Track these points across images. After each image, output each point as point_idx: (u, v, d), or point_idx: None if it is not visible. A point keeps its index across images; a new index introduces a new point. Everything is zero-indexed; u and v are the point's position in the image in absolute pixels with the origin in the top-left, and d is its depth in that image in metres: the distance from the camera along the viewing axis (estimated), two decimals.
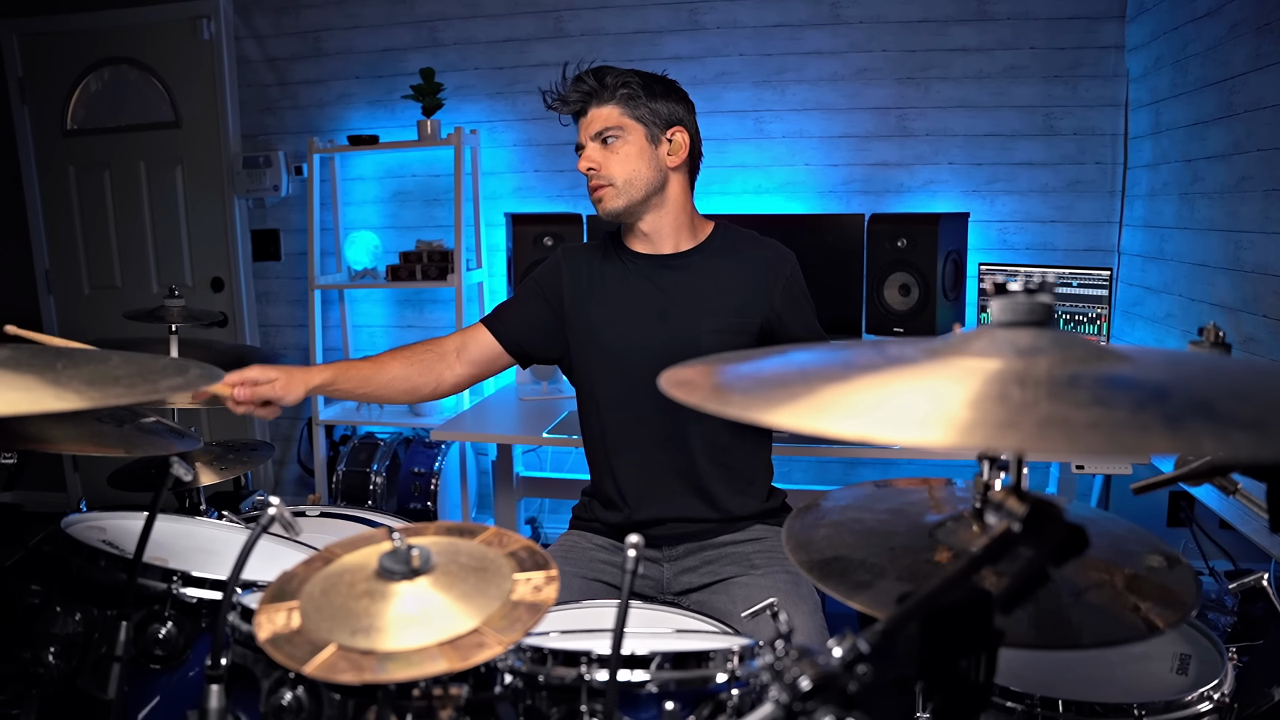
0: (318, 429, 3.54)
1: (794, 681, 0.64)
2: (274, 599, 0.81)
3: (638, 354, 1.69)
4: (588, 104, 1.67)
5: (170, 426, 1.63)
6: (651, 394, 1.71)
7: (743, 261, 1.72)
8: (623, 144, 1.65)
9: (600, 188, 1.66)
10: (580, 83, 1.67)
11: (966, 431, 0.57)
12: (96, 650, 1.09)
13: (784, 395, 0.63)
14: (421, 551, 0.79)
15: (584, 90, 1.66)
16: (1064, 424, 0.53)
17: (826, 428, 0.60)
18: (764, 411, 0.63)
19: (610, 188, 1.66)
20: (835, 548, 0.99)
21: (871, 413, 0.60)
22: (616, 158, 1.65)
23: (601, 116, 1.66)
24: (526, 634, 0.73)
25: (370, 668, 0.69)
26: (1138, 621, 0.87)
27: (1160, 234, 2.88)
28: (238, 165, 3.69)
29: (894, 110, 3.32)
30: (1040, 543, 0.67)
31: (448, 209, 3.70)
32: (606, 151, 1.65)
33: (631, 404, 1.71)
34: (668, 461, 1.71)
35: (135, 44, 3.78)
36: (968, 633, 0.75)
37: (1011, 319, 0.70)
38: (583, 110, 1.68)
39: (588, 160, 1.66)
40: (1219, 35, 2.50)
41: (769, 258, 1.73)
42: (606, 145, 1.65)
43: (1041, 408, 0.58)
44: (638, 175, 1.66)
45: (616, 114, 1.65)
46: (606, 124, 1.65)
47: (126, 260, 3.97)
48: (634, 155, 1.65)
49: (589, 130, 1.67)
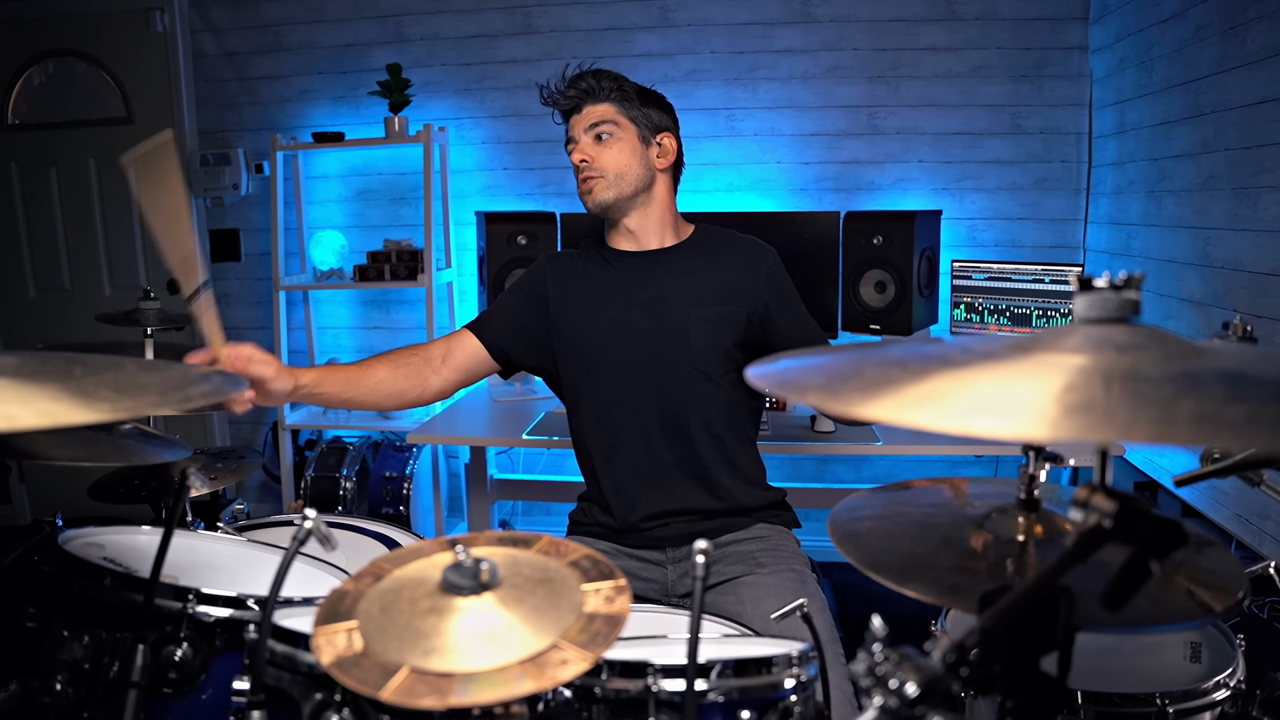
0: (283, 433, 3.43)
1: (900, 687, 0.63)
2: (329, 619, 0.77)
3: (628, 347, 1.71)
4: (583, 101, 1.70)
5: (157, 435, 1.55)
6: (644, 386, 1.72)
7: (725, 255, 1.76)
8: (615, 140, 1.69)
9: (592, 179, 1.68)
10: (579, 80, 1.70)
11: (1067, 424, 0.56)
12: (106, 676, 1.03)
13: (885, 387, 0.62)
14: (490, 565, 0.75)
15: (581, 88, 1.70)
16: (1198, 418, 0.52)
17: (932, 421, 0.59)
18: (866, 404, 0.61)
19: (602, 179, 1.68)
20: (883, 539, 0.98)
21: (978, 406, 0.59)
22: (610, 152, 1.68)
23: (597, 112, 1.69)
24: (610, 647, 0.70)
25: (453, 691, 0.66)
26: (1193, 605, 0.88)
27: (1127, 231, 2.96)
28: (195, 163, 3.56)
29: (865, 108, 3.35)
30: (1138, 538, 0.66)
31: (414, 207, 3.63)
32: (600, 146, 1.68)
33: (625, 398, 1.71)
34: (667, 454, 1.70)
35: (82, 35, 3.62)
36: (1049, 629, 0.75)
37: (1100, 315, 0.70)
38: (577, 107, 1.71)
39: (581, 152, 1.68)
40: (1184, 38, 2.57)
41: (750, 252, 1.77)
42: (600, 140, 1.68)
43: (1145, 401, 0.57)
44: (629, 170, 1.69)
45: (612, 111, 1.69)
46: (602, 118, 1.68)
47: (76, 261, 3.81)
48: (626, 151, 1.69)
49: (583, 124, 1.69)
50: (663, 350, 1.70)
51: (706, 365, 1.70)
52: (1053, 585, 0.71)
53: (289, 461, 3.47)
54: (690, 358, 1.69)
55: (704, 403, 1.71)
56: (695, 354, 1.69)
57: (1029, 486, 1.01)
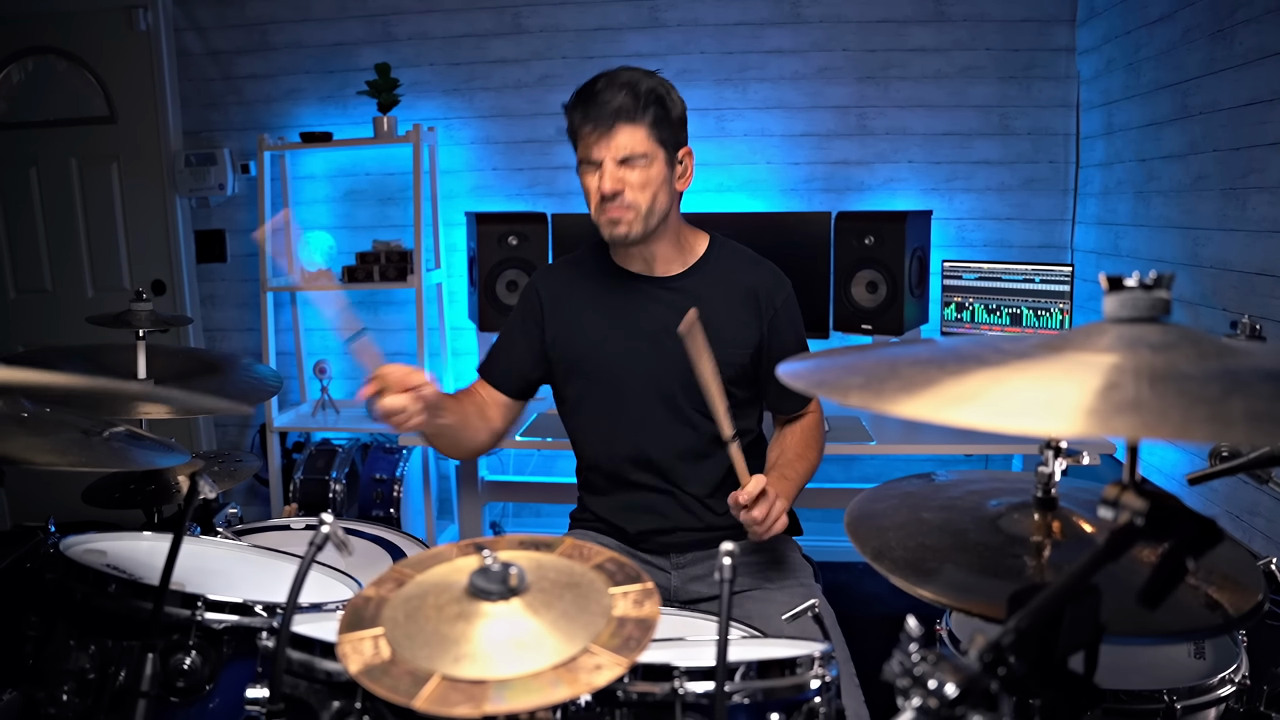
0: (271, 435, 3.40)
1: (939, 688, 0.63)
2: (353, 627, 0.75)
3: (631, 376, 1.66)
4: (616, 120, 1.52)
5: (153, 439, 1.52)
6: (640, 416, 1.68)
7: (736, 289, 1.68)
8: (647, 171, 1.54)
9: (621, 212, 1.55)
10: (613, 95, 1.53)
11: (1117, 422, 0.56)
12: (113, 685, 1.01)
13: (926, 386, 0.62)
14: (518, 569, 0.74)
15: (616, 106, 1.52)
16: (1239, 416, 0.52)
17: (980, 420, 0.58)
18: (908, 402, 0.61)
19: (632, 212, 1.55)
20: (899, 539, 0.99)
21: (1025, 405, 0.59)
22: (642, 182, 1.54)
23: (631, 141, 1.53)
24: (643, 651, 0.69)
25: (487, 698, 0.65)
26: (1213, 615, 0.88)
27: (1115, 230, 2.98)
28: (179, 163, 3.52)
29: (854, 109, 3.36)
30: (1171, 536, 0.66)
31: (402, 208, 3.60)
32: (630, 173, 1.54)
33: (621, 423, 1.68)
34: (662, 481, 1.69)
35: (63, 33, 3.56)
36: (1079, 628, 0.75)
37: (1131, 314, 0.70)
38: (609, 127, 1.53)
39: (613, 181, 1.53)
40: (1172, 40, 2.60)
41: (763, 285, 1.69)
42: (629, 166, 1.54)
43: (1196, 400, 0.57)
44: (658, 202, 1.57)
45: (644, 138, 1.53)
46: (634, 150, 1.53)
47: (57, 262, 3.75)
48: (657, 181, 1.56)
49: (614, 151, 1.53)
50: (665, 384, 1.65)
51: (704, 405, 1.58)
52: (1085, 585, 0.71)
53: (277, 464, 3.43)
54: (689, 398, 1.62)
55: (702, 438, 1.66)
56: (694, 392, 1.54)
57: (1046, 485, 1.01)
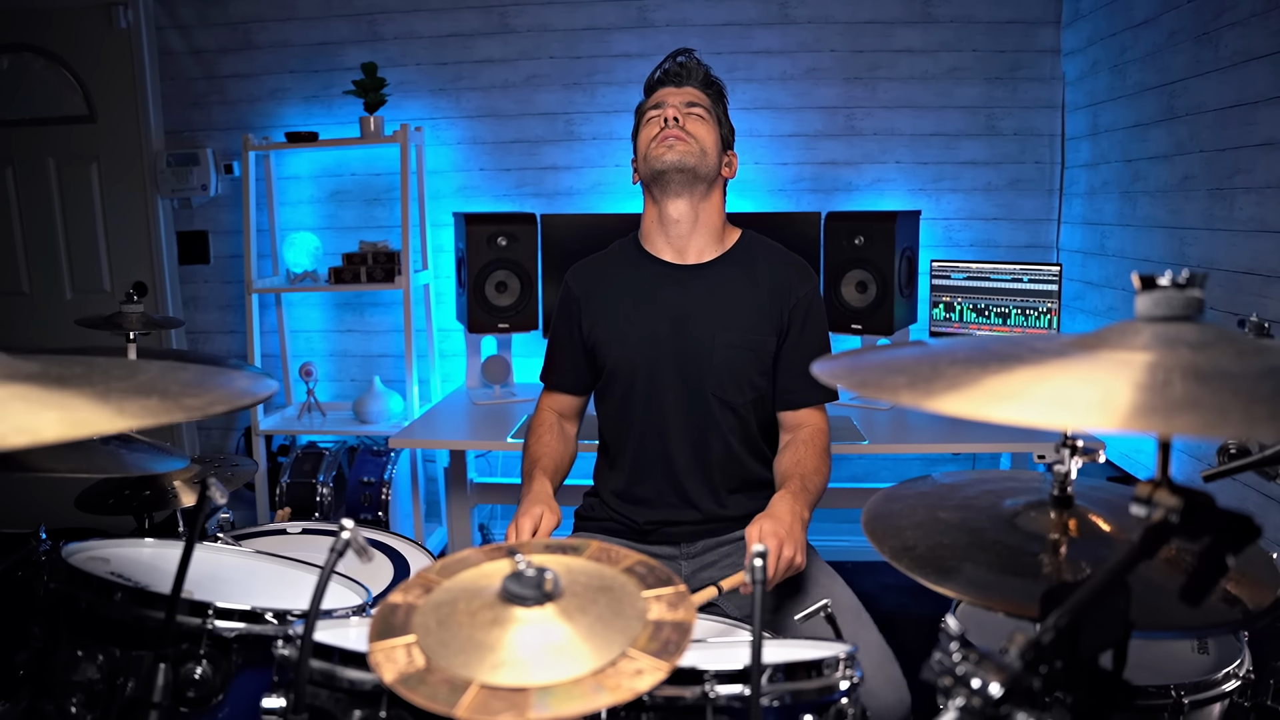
0: (257, 439, 3.35)
1: (983, 687, 0.63)
2: (384, 635, 0.74)
3: (652, 362, 1.70)
4: (687, 79, 1.73)
5: (148, 443, 1.50)
6: (664, 403, 1.70)
7: (762, 278, 1.72)
8: (707, 123, 1.70)
9: (679, 137, 1.65)
10: (695, 67, 1.74)
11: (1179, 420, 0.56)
12: (122, 696, 0.99)
13: (972, 384, 0.62)
14: (553, 574, 0.74)
15: (691, 67, 1.74)
16: None
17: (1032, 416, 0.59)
18: (956, 399, 0.61)
19: (689, 143, 1.66)
20: (918, 536, 0.99)
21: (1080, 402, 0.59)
22: (702, 127, 1.69)
23: (697, 95, 1.71)
24: (683, 655, 0.69)
25: (530, 705, 0.64)
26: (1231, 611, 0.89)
27: (1101, 230, 3.02)
28: (161, 163, 3.46)
29: (842, 110, 3.37)
30: (1207, 533, 0.67)
31: (389, 208, 3.57)
32: (694, 120, 1.68)
33: (644, 410, 1.71)
34: (681, 471, 1.70)
35: (39, 30, 3.50)
36: (1109, 626, 0.75)
37: (1166, 313, 0.70)
38: (678, 81, 1.73)
39: (676, 111, 1.67)
40: (1158, 42, 2.63)
41: (790, 274, 1.74)
42: (695, 116, 1.68)
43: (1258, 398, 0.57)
44: (711, 153, 1.69)
45: (708, 100, 1.72)
46: (700, 101, 1.70)
47: (35, 264, 3.68)
48: (712, 138, 1.69)
49: (680, 97, 1.70)
50: (686, 368, 1.69)
51: (726, 393, 1.68)
52: (1120, 582, 0.71)
53: (263, 468, 3.39)
54: (710, 385, 1.67)
55: (723, 428, 1.69)
56: (715, 381, 1.67)
57: (1063, 483, 1.02)
